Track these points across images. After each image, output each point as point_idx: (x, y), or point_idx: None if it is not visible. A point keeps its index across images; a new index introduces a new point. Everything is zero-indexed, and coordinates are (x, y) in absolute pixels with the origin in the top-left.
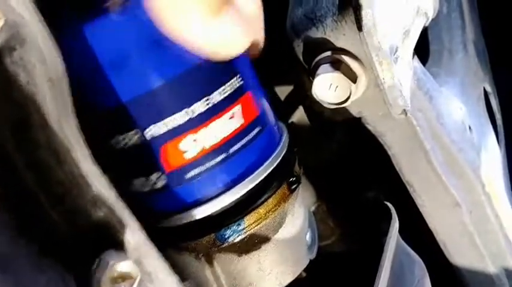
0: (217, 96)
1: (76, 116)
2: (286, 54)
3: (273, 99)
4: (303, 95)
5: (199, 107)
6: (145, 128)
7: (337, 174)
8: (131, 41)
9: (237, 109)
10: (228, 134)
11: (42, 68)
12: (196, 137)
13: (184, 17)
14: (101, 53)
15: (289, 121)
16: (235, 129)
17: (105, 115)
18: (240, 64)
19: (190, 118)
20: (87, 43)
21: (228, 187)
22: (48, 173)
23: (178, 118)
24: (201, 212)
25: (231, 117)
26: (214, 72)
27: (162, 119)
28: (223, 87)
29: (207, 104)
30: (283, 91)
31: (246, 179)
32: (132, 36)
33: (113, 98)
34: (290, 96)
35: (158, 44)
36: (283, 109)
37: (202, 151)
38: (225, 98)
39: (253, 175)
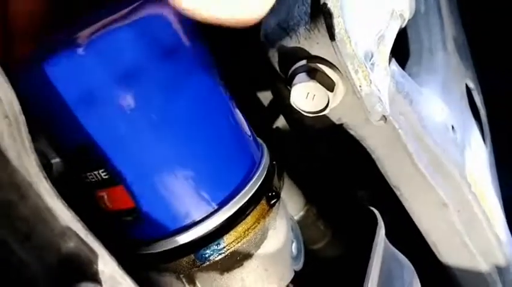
0: None
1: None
2: (264, 63)
3: (256, 106)
4: (282, 104)
5: None
6: None
7: (326, 176)
8: (96, 77)
9: None
10: None
11: None
12: None
13: None
14: (68, 90)
15: (274, 126)
16: None
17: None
18: None
19: None
20: (53, 79)
21: (211, 213)
22: (13, 210)
23: None
24: (182, 239)
25: None
26: None
27: None
28: None
29: None
30: (266, 97)
31: (229, 204)
32: (98, 72)
33: (82, 135)
34: (273, 102)
35: (124, 79)
36: (267, 115)
37: None
38: None
39: (236, 198)
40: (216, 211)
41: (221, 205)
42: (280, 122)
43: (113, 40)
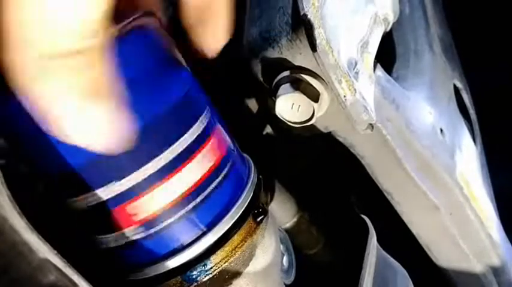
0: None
1: (8, 187)
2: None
3: (245, 112)
4: (267, 114)
5: (161, 160)
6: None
7: (316, 181)
8: None
9: (206, 149)
10: (199, 178)
11: None
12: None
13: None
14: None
15: (264, 132)
16: (206, 172)
17: (63, 178)
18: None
19: (151, 174)
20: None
21: (200, 236)
22: None
23: (138, 176)
24: (171, 263)
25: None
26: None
27: (124, 178)
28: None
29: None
30: (255, 103)
31: (218, 225)
32: None
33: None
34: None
35: None
36: (256, 121)
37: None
38: (193, 141)
39: (225, 219)
40: (205, 233)
41: (210, 226)
42: (270, 128)
43: None
